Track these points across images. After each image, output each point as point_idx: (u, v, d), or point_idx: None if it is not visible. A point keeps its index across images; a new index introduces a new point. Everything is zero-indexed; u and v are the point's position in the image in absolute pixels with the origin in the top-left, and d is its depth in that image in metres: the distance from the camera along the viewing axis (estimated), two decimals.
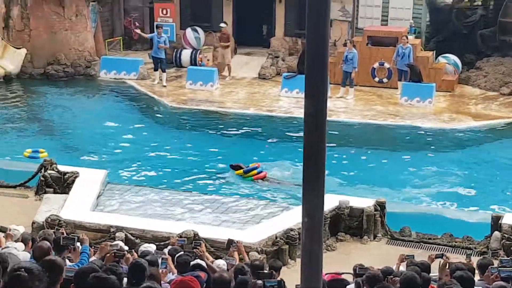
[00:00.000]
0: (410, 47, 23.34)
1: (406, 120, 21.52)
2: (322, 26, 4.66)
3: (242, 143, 19.96)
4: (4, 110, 22.39)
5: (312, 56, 4.64)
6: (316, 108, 4.63)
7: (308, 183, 4.76)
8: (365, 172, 17.86)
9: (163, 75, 25.21)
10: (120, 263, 8.06)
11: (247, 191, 16.51)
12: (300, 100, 22.50)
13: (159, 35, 25.11)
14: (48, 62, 26.23)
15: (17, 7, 26.11)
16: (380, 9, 26.47)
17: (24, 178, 15.88)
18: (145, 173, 17.52)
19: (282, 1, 27.46)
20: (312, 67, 4.63)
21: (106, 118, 21.98)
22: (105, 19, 29.93)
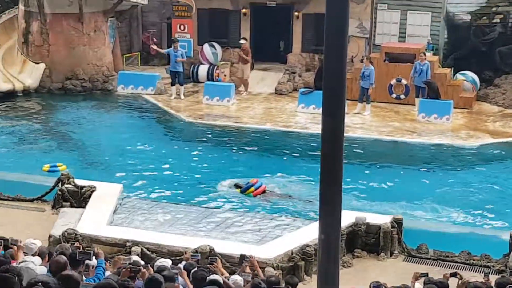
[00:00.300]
0: (427, 64, 23.30)
1: (423, 137, 21.45)
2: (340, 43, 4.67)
3: (258, 158, 19.94)
4: (22, 124, 22.52)
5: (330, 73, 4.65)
6: (333, 125, 4.63)
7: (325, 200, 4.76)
8: (381, 188, 17.78)
9: (181, 88, 25.35)
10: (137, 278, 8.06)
11: (263, 206, 16.46)
12: (316, 116, 22.49)
13: (176, 49, 25.25)
14: (66, 77, 26.40)
15: (37, 22, 26.32)
16: (397, 26, 26.48)
17: (41, 192, 15.95)
18: (161, 188, 17.51)
19: (299, 17, 27.53)
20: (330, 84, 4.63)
21: (123, 132, 22.07)
22: (123, 34, 30.15)
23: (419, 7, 26.23)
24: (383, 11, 26.64)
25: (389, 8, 26.55)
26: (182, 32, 27.65)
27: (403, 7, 26.37)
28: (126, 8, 28.39)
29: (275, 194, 17.29)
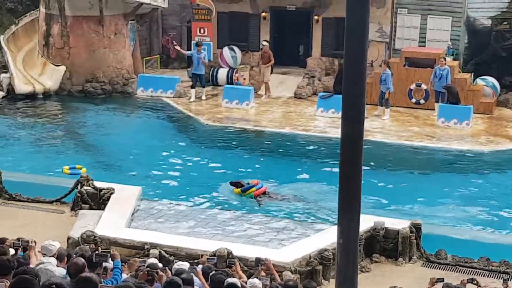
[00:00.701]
0: (448, 69, 23.21)
1: (442, 142, 21.36)
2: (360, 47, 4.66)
3: (276, 162, 19.93)
4: (42, 126, 22.66)
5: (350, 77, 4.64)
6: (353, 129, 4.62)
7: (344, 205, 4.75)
8: (400, 193, 17.72)
9: (203, 90, 25.53)
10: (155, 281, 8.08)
11: (282, 210, 16.45)
12: (336, 120, 22.47)
13: (199, 52, 25.38)
14: (86, 79, 26.52)
15: (58, 25, 26.47)
16: (417, 31, 26.40)
17: (60, 194, 16.04)
18: (180, 190, 17.55)
19: (319, 21, 27.51)
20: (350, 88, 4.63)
21: (142, 135, 22.15)
22: (143, 37, 30.26)
23: (439, 11, 26.13)
24: (403, 15, 26.57)
25: (409, 13, 26.48)
26: (201, 35, 27.71)
27: (423, 12, 26.28)
28: (146, 11, 28.49)
29: (275, 196, 17.30)
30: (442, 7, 26.07)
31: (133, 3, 26.97)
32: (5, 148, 20.77)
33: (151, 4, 27.53)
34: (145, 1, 26.98)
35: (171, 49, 30.29)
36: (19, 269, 7.39)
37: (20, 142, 21.23)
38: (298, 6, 27.65)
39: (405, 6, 26.48)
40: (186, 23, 29.97)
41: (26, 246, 9.41)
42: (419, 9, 26.31)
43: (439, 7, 26.10)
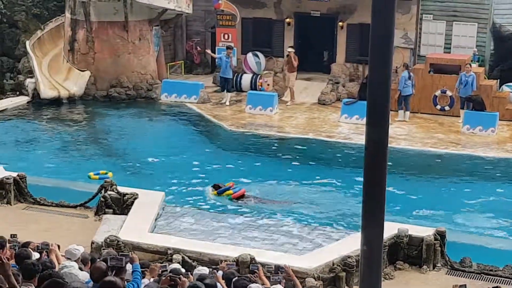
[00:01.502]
0: (473, 75, 23.06)
1: (467, 149, 21.21)
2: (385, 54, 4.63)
3: (300, 168, 19.88)
4: (67, 131, 22.79)
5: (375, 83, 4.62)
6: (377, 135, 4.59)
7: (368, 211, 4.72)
8: (424, 200, 17.61)
9: (228, 95, 25.60)
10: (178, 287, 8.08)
11: (304, 216, 16.41)
12: (359, 126, 22.40)
13: (228, 56, 25.52)
14: (111, 84, 26.65)
15: (83, 30, 26.64)
16: (443, 37, 26.28)
17: (84, 199, 16.11)
18: (203, 196, 17.57)
19: (344, 27, 27.46)
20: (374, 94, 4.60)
21: (166, 140, 22.21)
22: (168, 43, 30.37)
23: (465, 18, 25.99)
24: (429, 21, 26.45)
25: (434, 19, 26.36)
26: (226, 41, 27.76)
27: (449, 18, 26.16)
28: (171, 17, 28.60)
29: (254, 198, 17.30)
30: (467, 13, 25.93)
31: (158, 9, 27.08)
32: (30, 152, 20.91)
33: (175, 10, 27.63)
34: (170, 7, 27.08)
35: (195, 54, 30.38)
36: (44, 273, 7.43)
37: (45, 147, 21.36)
38: (322, 12, 27.62)
39: (430, 12, 26.36)
40: (210, 29, 30.04)
41: (47, 250, 9.46)
42: (445, 15, 26.19)
43: (464, 13, 25.96)
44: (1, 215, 15.59)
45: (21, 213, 15.81)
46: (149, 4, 26.45)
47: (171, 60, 30.24)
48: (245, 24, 28.49)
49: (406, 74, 23.44)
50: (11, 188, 16.16)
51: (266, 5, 28.27)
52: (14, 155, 20.35)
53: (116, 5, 26.32)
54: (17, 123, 23.62)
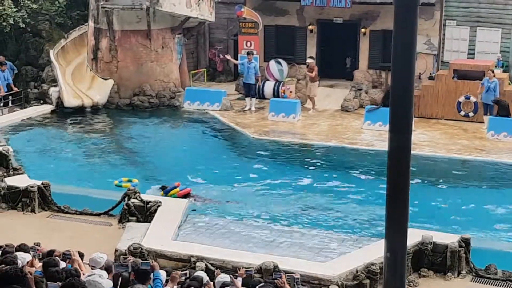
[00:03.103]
0: (496, 82, 22.92)
1: (492, 155, 21.05)
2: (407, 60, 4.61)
3: (323, 174, 19.84)
4: (91, 140, 22.90)
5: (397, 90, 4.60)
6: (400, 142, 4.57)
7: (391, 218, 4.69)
8: (449, 207, 17.50)
9: (252, 100, 25.76)
10: None
11: (328, 223, 16.37)
12: (383, 133, 22.32)
13: (249, 61, 25.59)
14: (134, 92, 26.77)
15: (106, 39, 26.79)
16: (466, 43, 26.15)
17: (108, 206, 16.17)
18: (225, 204, 17.57)
19: (366, 34, 27.41)
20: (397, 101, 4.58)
21: (189, 148, 22.27)
22: (190, 51, 30.48)
23: (488, 23, 25.85)
24: (452, 27, 26.33)
25: (458, 25, 26.24)
26: (248, 48, 27.79)
27: (472, 24, 26.03)
28: (193, 25, 28.70)
29: (199, 197, 17.31)
30: (491, 19, 25.80)
31: (181, 17, 27.18)
32: (54, 161, 21.03)
33: (198, 18, 27.72)
34: (192, 15, 27.18)
35: (218, 62, 30.46)
36: (66, 281, 7.46)
37: (69, 155, 21.48)
38: (345, 19, 27.60)
39: (454, 18, 26.25)
40: (233, 37, 30.12)
41: (69, 259, 9.50)
42: (468, 21, 26.07)
43: (488, 18, 25.83)
44: (25, 223, 15.70)
45: (45, 221, 15.90)
46: (172, 12, 26.56)
47: (194, 68, 30.34)
48: (268, 31, 28.54)
49: None
50: (35, 196, 16.27)
51: (289, 12, 28.30)
52: (38, 163, 20.48)
53: (139, 14, 26.46)
54: (41, 132, 23.78)
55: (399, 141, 4.59)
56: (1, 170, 18.26)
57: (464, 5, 26.12)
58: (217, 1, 28.96)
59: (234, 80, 29.51)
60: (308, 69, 25.89)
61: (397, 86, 4.65)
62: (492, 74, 23.12)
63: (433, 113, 24.40)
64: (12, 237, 12.85)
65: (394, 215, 4.73)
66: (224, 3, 30.06)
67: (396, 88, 4.65)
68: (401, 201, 4.69)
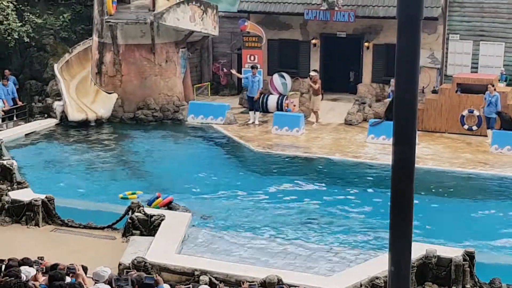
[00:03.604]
0: (497, 95, 22.94)
1: (496, 169, 21.03)
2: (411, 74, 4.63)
3: (326, 188, 19.83)
4: (95, 153, 22.93)
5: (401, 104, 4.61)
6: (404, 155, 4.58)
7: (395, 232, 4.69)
8: (453, 220, 17.47)
9: (257, 114, 25.79)
10: None
11: (332, 237, 16.34)
12: (386, 147, 22.31)
13: (254, 75, 25.69)
14: (138, 106, 26.82)
15: (110, 53, 26.87)
16: (470, 57, 26.19)
17: (112, 220, 16.17)
18: (229, 217, 17.56)
19: (370, 48, 27.47)
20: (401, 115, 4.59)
21: (193, 162, 22.27)
22: (194, 65, 30.57)
23: (492, 37, 25.89)
24: (455, 41, 26.38)
25: (461, 39, 26.29)
26: (252, 62, 27.84)
27: (476, 38, 26.07)
28: (197, 39, 28.77)
29: (178, 207, 17.35)
30: (494, 33, 25.84)
31: (184, 31, 27.26)
32: (58, 174, 21.05)
33: (202, 32, 27.80)
34: (196, 29, 27.26)
35: (222, 76, 30.53)
36: None
37: (73, 169, 21.50)
38: (348, 33, 27.67)
39: (457, 32, 26.30)
40: (237, 51, 30.19)
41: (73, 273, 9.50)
42: (471, 35, 26.11)
43: (491, 32, 25.88)
44: (29, 237, 15.71)
45: (49, 235, 15.91)
46: (176, 26, 26.64)
47: (197, 82, 30.40)
48: (271, 45, 28.62)
49: None
50: (39, 210, 16.28)
51: (292, 27, 28.38)
52: (42, 177, 20.51)
53: (143, 28, 26.54)
54: (45, 146, 23.82)
55: (403, 154, 4.60)
56: (5, 184, 18.27)
57: (467, 19, 26.18)
58: (220, 15, 29.06)
59: (237, 94, 29.56)
60: (311, 82, 25.95)
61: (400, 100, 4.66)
62: (492, 88, 23.13)
63: (437, 126, 24.41)
64: (16, 251, 12.86)
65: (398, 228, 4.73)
66: (228, 17, 30.16)
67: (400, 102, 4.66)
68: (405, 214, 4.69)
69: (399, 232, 4.72)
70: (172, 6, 26.36)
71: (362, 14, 26.67)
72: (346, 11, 26.51)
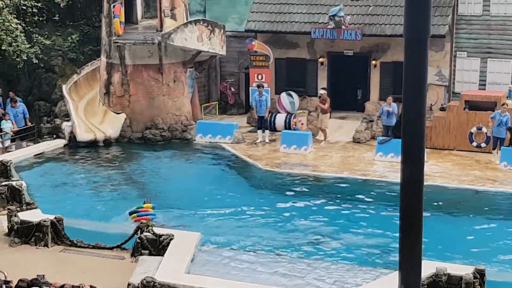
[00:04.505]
0: (508, 116, 22.87)
1: (505, 186, 20.96)
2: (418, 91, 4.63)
3: (335, 206, 19.78)
4: (104, 173, 22.96)
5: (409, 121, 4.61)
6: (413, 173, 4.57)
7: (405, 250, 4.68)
8: (463, 238, 17.40)
9: (266, 132, 25.93)
10: None
11: (341, 255, 16.29)
12: (395, 164, 22.28)
13: (260, 94, 25.78)
14: (146, 126, 26.88)
15: (118, 73, 26.98)
16: (477, 74, 26.18)
17: (121, 240, 16.16)
18: (238, 236, 17.53)
19: (377, 66, 27.50)
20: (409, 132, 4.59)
21: (201, 181, 22.27)
22: (202, 84, 30.65)
23: (499, 54, 25.90)
24: (463, 58, 26.40)
25: (468, 56, 26.30)
26: (259, 81, 27.92)
27: (483, 55, 26.09)
28: (205, 58, 28.87)
29: (161, 225, 17.43)
30: (502, 50, 25.86)
31: (192, 51, 27.35)
32: (67, 195, 21.08)
33: (209, 52, 27.89)
34: (204, 49, 27.35)
35: (229, 95, 30.60)
36: None
37: (82, 189, 21.53)
38: (355, 51, 27.72)
39: (464, 50, 26.33)
40: (244, 70, 30.27)
41: None
42: (479, 52, 26.14)
43: (499, 50, 25.89)
44: (38, 257, 15.70)
45: (58, 256, 15.90)
46: (183, 46, 26.74)
47: (205, 101, 30.47)
48: (279, 64, 28.68)
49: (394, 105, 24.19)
50: (48, 231, 16.27)
51: (299, 46, 28.45)
52: (51, 197, 20.53)
53: (151, 48, 26.65)
54: (54, 166, 23.87)
55: (411, 172, 4.59)
56: (15, 205, 18.30)
57: (475, 36, 26.21)
58: (228, 35, 29.16)
59: (245, 113, 29.62)
60: (320, 100, 25.99)
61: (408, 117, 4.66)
62: (506, 107, 23.04)
63: (445, 144, 24.38)
64: (25, 272, 12.86)
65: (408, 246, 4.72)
66: (235, 37, 30.27)
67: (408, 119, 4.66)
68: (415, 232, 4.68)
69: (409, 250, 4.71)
70: (179, 26, 26.47)
71: (369, 32, 26.72)
72: (353, 30, 26.57)
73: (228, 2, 31.56)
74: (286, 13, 28.31)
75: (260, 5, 28.75)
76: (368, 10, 27.25)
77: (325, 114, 25.81)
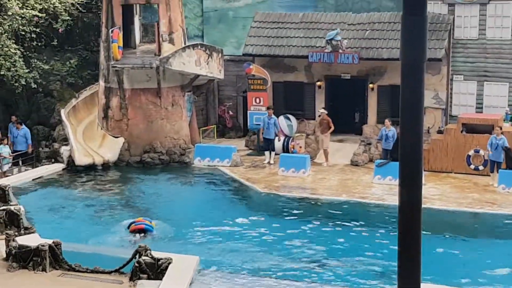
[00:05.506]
0: (504, 139, 22.92)
1: (503, 209, 20.97)
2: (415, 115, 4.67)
3: (333, 229, 19.77)
4: (102, 197, 22.94)
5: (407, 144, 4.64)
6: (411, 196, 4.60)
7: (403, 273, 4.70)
8: (461, 261, 17.39)
9: (272, 154, 26.18)
10: None
11: (340, 279, 16.26)
12: (393, 187, 22.30)
13: (269, 116, 25.89)
14: (144, 150, 26.90)
15: (116, 98, 27.04)
16: (474, 97, 26.29)
17: (119, 264, 16.12)
18: (237, 260, 17.50)
19: (374, 89, 27.59)
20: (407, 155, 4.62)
21: (200, 204, 22.26)
22: (200, 108, 30.72)
23: (495, 77, 26.03)
24: (459, 82, 26.52)
25: (465, 79, 26.43)
26: (257, 105, 28.01)
27: (480, 78, 26.21)
28: (203, 82, 28.96)
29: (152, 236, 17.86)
30: (498, 73, 25.99)
31: (190, 75, 27.45)
32: (65, 219, 21.05)
33: (207, 76, 27.99)
34: (202, 73, 27.45)
35: (227, 119, 30.66)
36: None
37: (80, 213, 21.50)
38: (353, 75, 27.83)
39: (461, 73, 26.46)
40: (242, 93, 30.36)
41: None
42: (475, 75, 26.26)
43: (495, 73, 26.02)
44: (37, 282, 15.66)
45: (56, 280, 15.85)
46: (181, 71, 26.83)
47: (203, 125, 30.53)
48: (276, 87, 28.78)
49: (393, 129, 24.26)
50: (47, 255, 16.24)
51: (297, 69, 28.56)
52: (50, 222, 20.49)
53: (149, 73, 26.74)
54: (52, 190, 23.85)
55: (409, 195, 4.62)
56: (13, 229, 18.27)
57: (471, 60, 26.35)
58: (226, 59, 29.28)
59: (243, 136, 29.66)
60: (320, 120, 26.08)
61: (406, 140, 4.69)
62: (499, 131, 23.11)
63: (443, 166, 24.42)
64: None
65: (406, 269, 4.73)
66: (233, 61, 30.39)
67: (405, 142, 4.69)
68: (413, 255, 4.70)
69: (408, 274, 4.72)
70: (177, 50, 26.58)
71: (366, 56, 26.85)
72: (350, 53, 26.70)
73: (225, 26, 31.74)
74: (283, 37, 28.46)
75: (258, 29, 28.90)
76: (365, 34, 27.40)
77: (325, 135, 25.87)
